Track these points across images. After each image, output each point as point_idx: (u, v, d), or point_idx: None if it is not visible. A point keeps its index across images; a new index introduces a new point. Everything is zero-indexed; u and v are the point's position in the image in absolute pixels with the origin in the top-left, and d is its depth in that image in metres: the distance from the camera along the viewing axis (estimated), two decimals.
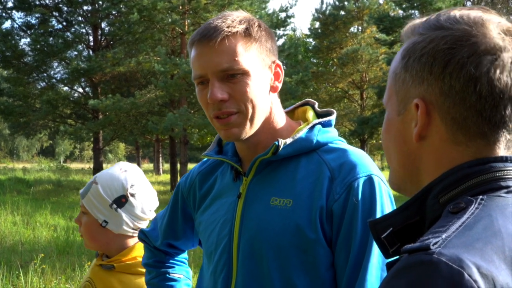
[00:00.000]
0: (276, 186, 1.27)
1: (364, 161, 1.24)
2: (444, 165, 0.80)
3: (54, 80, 23.11)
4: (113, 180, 1.83)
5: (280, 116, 1.34)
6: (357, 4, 24.14)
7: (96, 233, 1.84)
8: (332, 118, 1.36)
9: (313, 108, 1.40)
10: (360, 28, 25.38)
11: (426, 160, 0.82)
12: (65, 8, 23.07)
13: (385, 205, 1.20)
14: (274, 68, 1.31)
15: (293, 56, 19.64)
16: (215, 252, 1.34)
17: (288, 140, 1.27)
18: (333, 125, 1.37)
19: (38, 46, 21.34)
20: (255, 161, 1.29)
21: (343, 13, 24.59)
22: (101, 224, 1.82)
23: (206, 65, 1.23)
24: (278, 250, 1.22)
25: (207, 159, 1.50)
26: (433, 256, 0.64)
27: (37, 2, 22.46)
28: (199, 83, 1.27)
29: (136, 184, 1.83)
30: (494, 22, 0.78)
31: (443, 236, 0.67)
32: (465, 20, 0.79)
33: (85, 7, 22.80)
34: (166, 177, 27.45)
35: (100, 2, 21.76)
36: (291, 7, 20.65)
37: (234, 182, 1.35)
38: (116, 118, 19.52)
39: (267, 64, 1.28)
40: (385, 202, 1.21)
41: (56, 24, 23.47)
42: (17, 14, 34.01)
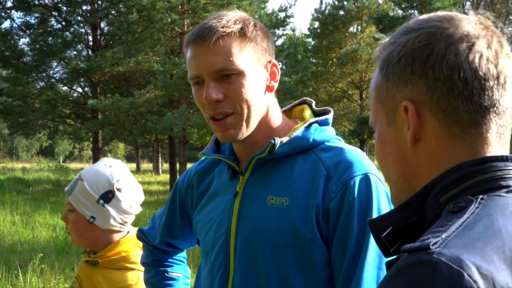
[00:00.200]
0: (272, 185, 1.27)
1: (361, 160, 1.24)
2: (442, 163, 0.79)
3: (53, 80, 23.12)
4: (99, 176, 1.84)
5: (277, 115, 1.34)
6: (356, 4, 24.12)
7: (83, 229, 1.85)
8: (329, 117, 1.36)
9: (310, 107, 1.40)
10: (360, 28, 25.35)
11: (424, 162, 0.81)
12: (64, 8, 23.09)
13: (382, 204, 1.20)
14: (270, 67, 1.30)
15: (292, 56, 19.63)
16: (212, 251, 1.34)
17: (285, 139, 1.27)
18: (330, 124, 1.36)
19: (37, 46, 21.36)
20: (251, 160, 1.29)
21: (342, 13, 24.56)
22: (88, 220, 1.84)
23: (201, 66, 1.23)
24: (275, 249, 1.22)
25: (204, 158, 1.50)
26: (433, 256, 0.64)
27: (36, 2, 22.48)
28: (195, 84, 1.27)
29: (121, 179, 1.85)
30: (462, 17, 0.80)
31: (443, 236, 0.67)
32: (434, 18, 0.81)
33: (84, 7, 22.82)
34: (165, 177, 27.48)
35: (99, 2, 21.77)
36: (290, 7, 20.65)
37: (231, 181, 1.35)
38: (115, 118, 19.54)
39: (263, 64, 1.28)
40: (382, 201, 1.20)
41: (55, 24, 23.52)
42: (16, 14, 34.05)
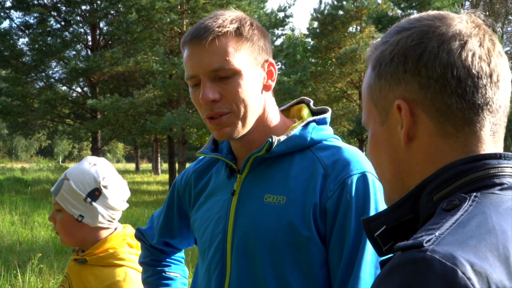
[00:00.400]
0: (270, 183, 1.27)
1: (358, 159, 1.24)
2: (436, 162, 0.79)
3: (53, 80, 23.11)
4: (85, 174, 1.86)
5: (274, 114, 1.34)
6: (355, 4, 24.06)
7: (72, 228, 1.87)
8: (327, 116, 1.36)
9: (308, 106, 1.40)
10: (359, 27, 25.30)
11: (418, 161, 0.81)
12: (64, 8, 23.07)
13: (379, 202, 1.20)
14: (267, 67, 1.30)
15: (291, 56, 19.59)
16: (209, 250, 1.34)
17: (282, 137, 1.27)
18: (328, 123, 1.36)
19: (37, 46, 21.34)
20: (249, 158, 1.29)
21: (341, 12, 24.50)
22: (77, 219, 1.85)
23: (197, 66, 1.23)
24: (272, 247, 1.22)
25: (202, 157, 1.50)
26: (427, 254, 0.64)
27: (36, 2, 22.46)
28: (191, 84, 1.27)
29: (107, 176, 1.87)
30: (454, 16, 0.81)
31: (437, 234, 0.67)
32: (426, 17, 0.81)
33: (83, 7, 22.78)
34: (164, 177, 27.45)
35: (99, 2, 21.74)
36: (289, 7, 20.62)
37: (229, 179, 1.35)
38: (115, 118, 19.52)
39: (260, 63, 1.28)
40: (379, 199, 1.20)
41: (54, 24, 23.50)
42: (15, 14, 33.92)
